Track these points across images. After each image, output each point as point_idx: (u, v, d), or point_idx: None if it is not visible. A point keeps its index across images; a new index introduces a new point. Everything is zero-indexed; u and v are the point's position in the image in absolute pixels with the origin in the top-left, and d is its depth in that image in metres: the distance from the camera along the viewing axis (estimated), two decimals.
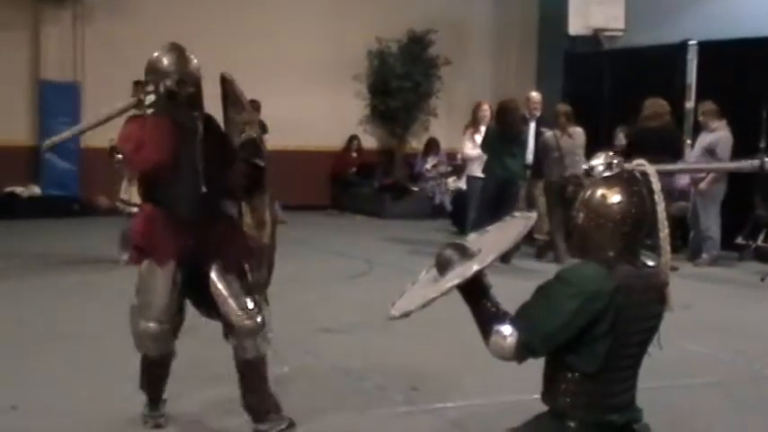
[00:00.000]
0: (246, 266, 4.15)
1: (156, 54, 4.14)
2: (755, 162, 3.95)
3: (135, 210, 8.42)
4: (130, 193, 8.49)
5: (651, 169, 2.82)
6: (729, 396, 5.19)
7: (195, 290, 4.13)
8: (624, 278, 2.68)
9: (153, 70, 4.08)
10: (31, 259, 8.90)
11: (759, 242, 9.93)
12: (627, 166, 2.83)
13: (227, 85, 4.22)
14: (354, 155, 14.19)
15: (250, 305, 4.07)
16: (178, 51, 4.15)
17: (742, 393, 5.28)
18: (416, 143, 14.43)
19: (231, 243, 4.13)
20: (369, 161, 14.30)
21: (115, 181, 8.61)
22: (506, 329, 2.68)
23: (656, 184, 2.78)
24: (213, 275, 4.06)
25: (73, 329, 6.15)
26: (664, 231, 2.78)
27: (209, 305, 4.13)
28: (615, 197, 2.74)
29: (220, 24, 12.74)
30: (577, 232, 2.81)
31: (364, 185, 14.01)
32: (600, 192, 2.77)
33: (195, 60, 4.17)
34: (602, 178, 2.80)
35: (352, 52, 13.52)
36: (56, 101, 12.41)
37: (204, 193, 4.03)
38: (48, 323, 6.36)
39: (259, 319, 4.08)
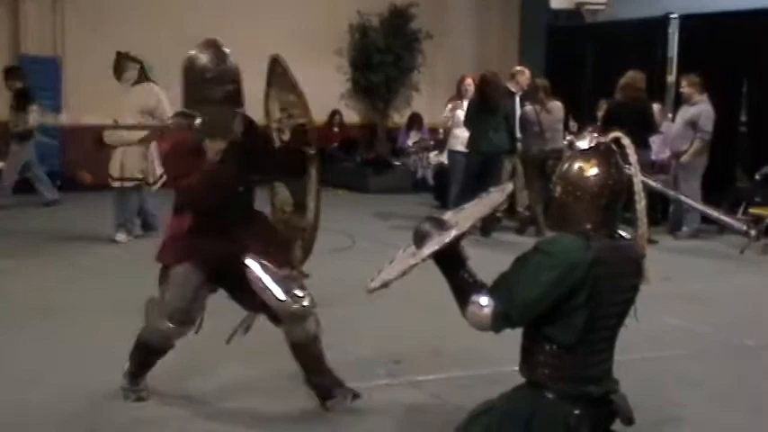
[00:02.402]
0: (279, 252, 4.14)
1: (192, 52, 4.06)
2: (743, 227, 3.91)
3: (124, 185, 8.44)
4: (125, 168, 8.46)
5: (627, 141, 2.84)
6: (707, 368, 5.26)
7: (234, 285, 4.10)
8: (601, 250, 2.71)
9: (191, 68, 4.01)
10: (14, 235, 8.87)
11: (739, 215, 10.00)
12: (604, 138, 2.85)
13: (277, 67, 4.16)
14: (336, 130, 14.16)
15: (296, 291, 4.05)
16: (214, 48, 4.06)
17: (719, 365, 5.35)
18: (399, 118, 14.42)
19: (264, 236, 4.12)
20: (351, 136, 14.27)
21: (103, 156, 8.56)
22: (483, 299, 2.71)
23: (633, 156, 2.80)
24: (250, 269, 4.01)
25: (55, 304, 6.15)
26: (641, 203, 2.80)
27: (250, 299, 4.09)
28: (592, 170, 2.76)
29: (203, 1, 12.65)
30: (555, 205, 2.83)
31: (346, 160, 13.99)
32: (577, 164, 2.79)
33: (231, 57, 4.08)
34: (580, 151, 2.83)
35: (333, 26, 13.46)
36: (36, 76, 12.27)
37: (240, 193, 4.03)
38: (29, 298, 6.35)
39: (306, 303, 4.06)
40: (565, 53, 12.80)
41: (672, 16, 11.34)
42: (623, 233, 2.85)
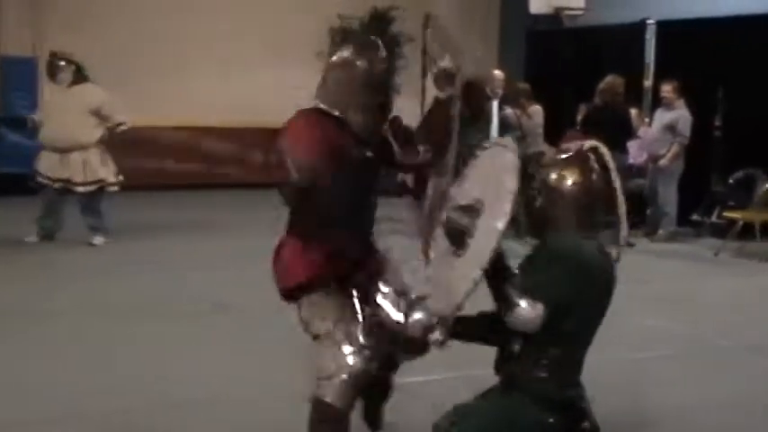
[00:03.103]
0: None
1: (347, 54, 3.51)
2: None
3: (87, 189, 8.38)
4: (87, 171, 8.41)
5: (604, 149, 2.89)
6: (684, 367, 5.33)
7: None
8: (596, 256, 2.77)
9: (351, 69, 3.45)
10: None
11: (714, 218, 10.14)
12: (583, 146, 2.91)
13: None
14: None
15: None
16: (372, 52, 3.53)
17: (696, 365, 5.43)
18: None
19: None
20: None
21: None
22: (525, 304, 2.68)
23: (611, 163, 2.86)
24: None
25: (33, 308, 6.15)
26: (622, 207, 2.86)
27: None
28: (573, 177, 2.82)
29: (187, 5, 12.64)
30: (537, 212, 2.88)
31: None
32: (558, 172, 2.84)
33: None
34: (560, 159, 2.88)
35: (313, 30, 13.47)
36: (14, 76, 12.25)
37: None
38: (7, 302, 6.33)
39: None
40: (544, 57, 12.89)
41: (649, 22, 11.45)
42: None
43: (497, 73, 10.64)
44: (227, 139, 13.08)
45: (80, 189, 8.41)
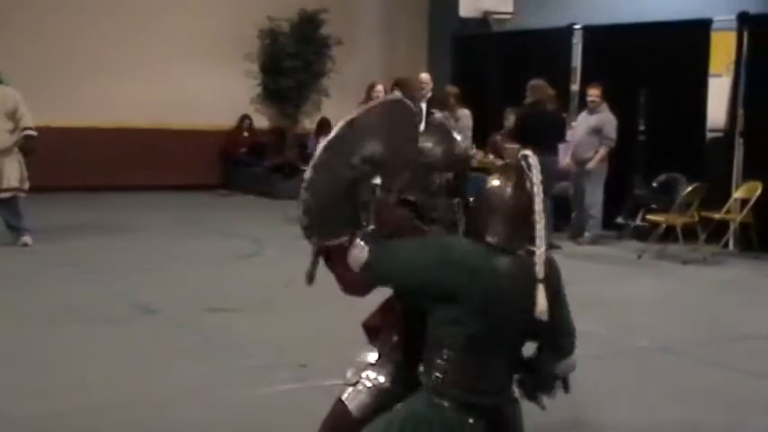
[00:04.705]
0: None
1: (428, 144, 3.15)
2: None
3: (2, 196, 8.20)
4: (3, 178, 8.23)
5: (534, 161, 2.83)
6: (609, 368, 5.41)
7: None
8: (504, 265, 2.73)
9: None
10: None
11: (637, 221, 10.33)
12: (516, 156, 2.88)
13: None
14: (246, 134, 14.08)
15: None
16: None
17: (620, 365, 5.52)
18: (309, 123, 14.39)
19: None
20: (260, 141, 14.20)
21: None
22: (363, 246, 2.85)
23: (537, 176, 2.79)
24: None
25: None
26: (540, 223, 2.78)
27: None
28: (508, 186, 2.78)
29: (110, 3, 12.42)
30: (469, 217, 2.84)
31: (255, 165, 13.92)
32: (490, 181, 2.81)
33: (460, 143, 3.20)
34: (497, 167, 2.87)
35: (243, 31, 13.38)
36: None
37: None
38: None
39: None
40: (472, 61, 12.99)
41: (575, 27, 11.62)
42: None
43: (425, 75, 10.71)
44: (150, 139, 12.88)
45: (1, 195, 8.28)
